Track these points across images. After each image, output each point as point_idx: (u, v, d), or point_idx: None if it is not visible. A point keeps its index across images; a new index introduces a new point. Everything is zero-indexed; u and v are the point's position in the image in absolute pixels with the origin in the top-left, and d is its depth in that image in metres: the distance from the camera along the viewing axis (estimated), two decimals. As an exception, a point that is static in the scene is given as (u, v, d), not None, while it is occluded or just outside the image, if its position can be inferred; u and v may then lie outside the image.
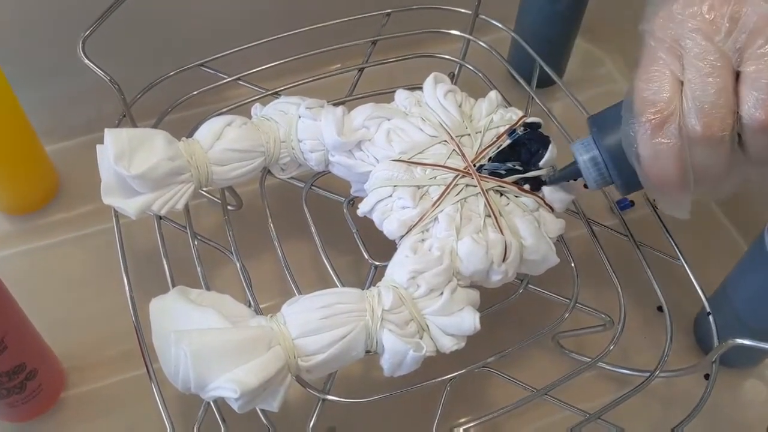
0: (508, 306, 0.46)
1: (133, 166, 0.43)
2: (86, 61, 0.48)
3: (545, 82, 0.61)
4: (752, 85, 0.33)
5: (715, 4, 0.33)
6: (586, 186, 0.42)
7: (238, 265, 0.45)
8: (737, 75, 0.33)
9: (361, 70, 0.57)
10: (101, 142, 0.44)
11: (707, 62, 0.33)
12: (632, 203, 0.59)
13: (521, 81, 0.55)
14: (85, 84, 0.52)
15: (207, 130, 0.46)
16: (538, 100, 0.54)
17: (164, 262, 0.45)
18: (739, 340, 0.41)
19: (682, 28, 0.34)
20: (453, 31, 0.58)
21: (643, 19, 0.36)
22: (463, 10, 0.58)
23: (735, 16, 0.33)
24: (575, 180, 0.43)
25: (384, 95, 0.54)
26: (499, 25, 0.57)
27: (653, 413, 0.50)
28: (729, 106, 0.33)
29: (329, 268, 0.45)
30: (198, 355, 0.36)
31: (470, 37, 0.58)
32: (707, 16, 0.33)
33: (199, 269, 0.46)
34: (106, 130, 0.43)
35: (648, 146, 0.36)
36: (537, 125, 0.46)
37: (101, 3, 0.49)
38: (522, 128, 0.46)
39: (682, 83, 0.34)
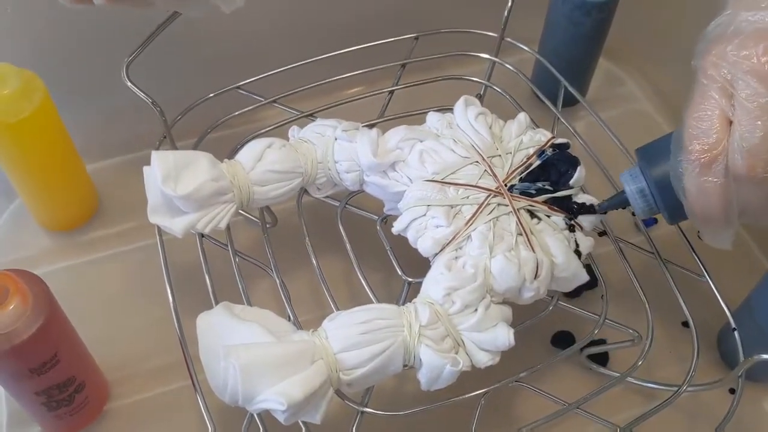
0: (539, 322, 0.47)
1: (180, 187, 0.45)
2: (129, 84, 0.50)
3: (568, 102, 0.62)
4: None
5: None
6: (633, 214, 0.44)
7: (278, 280, 0.47)
8: None
9: (391, 92, 0.58)
10: (140, 161, 0.46)
11: (757, 105, 0.34)
12: (656, 220, 0.60)
13: (547, 102, 0.57)
14: (124, 105, 0.54)
15: (248, 152, 0.48)
16: (564, 121, 0.56)
17: (207, 279, 0.47)
18: (766, 356, 0.42)
19: (735, 68, 0.35)
20: (482, 54, 0.60)
21: (695, 55, 0.37)
22: (489, 33, 0.60)
23: None
24: (624, 208, 0.45)
25: (414, 117, 0.56)
26: (525, 48, 0.59)
27: (678, 427, 0.51)
28: None
29: (364, 284, 0.46)
30: (246, 369, 0.37)
31: (496, 59, 0.60)
32: (762, 59, 0.34)
33: (240, 285, 0.47)
34: (153, 152, 0.45)
35: (695, 183, 0.37)
36: (566, 146, 0.48)
37: (142, 26, 0.51)
38: (551, 149, 0.48)
39: (730, 122, 0.36)
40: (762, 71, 0.34)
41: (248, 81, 0.57)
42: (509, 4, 0.57)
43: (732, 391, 0.53)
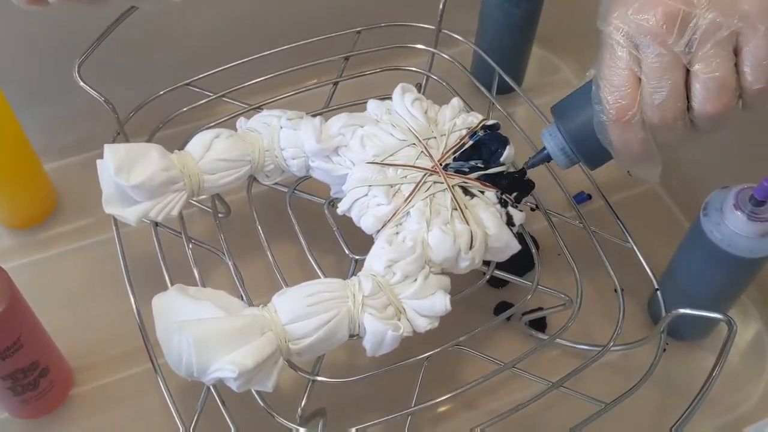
0: (485, 295, 0.50)
1: (132, 177, 0.47)
2: (82, 83, 0.53)
3: (507, 89, 0.66)
4: (702, 84, 0.38)
5: (667, 10, 0.38)
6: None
7: (230, 263, 0.50)
8: (688, 71, 0.39)
9: (335, 83, 0.61)
10: (97, 159, 0.49)
11: (661, 63, 0.38)
12: (590, 196, 0.64)
13: (482, 88, 0.61)
14: (80, 104, 0.56)
15: (197, 143, 0.50)
16: (497, 105, 0.59)
17: (162, 264, 0.49)
18: (682, 310, 0.46)
19: (637, 31, 0.39)
20: (418, 45, 0.63)
21: (599, 17, 0.41)
22: (427, 26, 0.63)
23: (685, 21, 0.38)
24: (548, 162, 0.49)
25: (357, 106, 0.59)
26: (460, 38, 0.62)
27: (618, 386, 0.55)
28: (680, 99, 0.39)
29: (314, 264, 0.49)
30: (199, 341, 0.40)
31: (435, 51, 0.63)
32: (660, 22, 0.38)
33: (194, 269, 0.50)
34: (105, 145, 0.48)
35: (617, 135, 0.41)
36: (496, 126, 0.51)
37: (93, 28, 0.53)
38: (482, 130, 0.51)
39: (640, 79, 0.40)
40: (661, 33, 0.38)
41: (198, 77, 0.59)
42: (444, -3, 0.60)
43: (663, 350, 0.56)
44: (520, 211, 0.50)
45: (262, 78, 0.60)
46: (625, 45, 0.39)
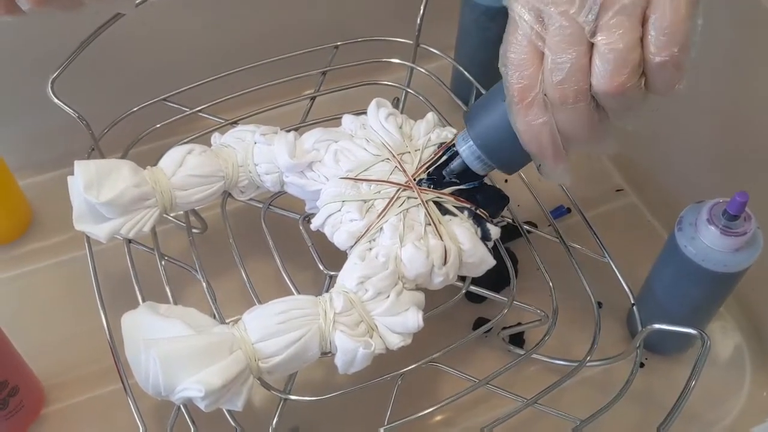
0: (458, 307, 0.50)
1: (102, 194, 0.47)
2: (55, 100, 0.52)
3: (486, 103, 0.66)
4: (601, 57, 0.35)
5: None
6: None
7: (202, 280, 0.49)
8: (591, 45, 0.36)
9: (312, 98, 0.61)
10: (72, 175, 0.48)
11: (562, 36, 0.36)
12: (569, 210, 0.64)
13: (460, 103, 0.61)
14: (55, 121, 0.56)
15: (169, 159, 0.50)
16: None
17: (134, 283, 0.49)
18: (657, 325, 0.46)
19: (540, 3, 0.36)
20: (395, 60, 0.63)
21: None
22: (405, 41, 0.63)
23: None
24: (467, 168, 0.47)
25: (334, 121, 0.58)
26: (438, 53, 0.62)
27: (598, 403, 0.54)
28: (583, 76, 0.36)
29: (286, 279, 0.49)
30: (166, 359, 0.39)
31: (413, 65, 0.63)
32: None
33: (167, 287, 0.49)
34: (75, 162, 0.47)
35: (521, 121, 0.39)
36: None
37: (67, 43, 0.53)
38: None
39: (543, 54, 0.37)
40: (563, 3, 0.35)
41: (174, 92, 0.59)
42: (421, 12, 0.60)
43: (641, 365, 0.56)
44: (495, 225, 0.49)
45: (239, 93, 0.60)
46: (528, 19, 0.37)
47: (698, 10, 0.36)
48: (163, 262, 0.51)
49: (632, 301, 0.50)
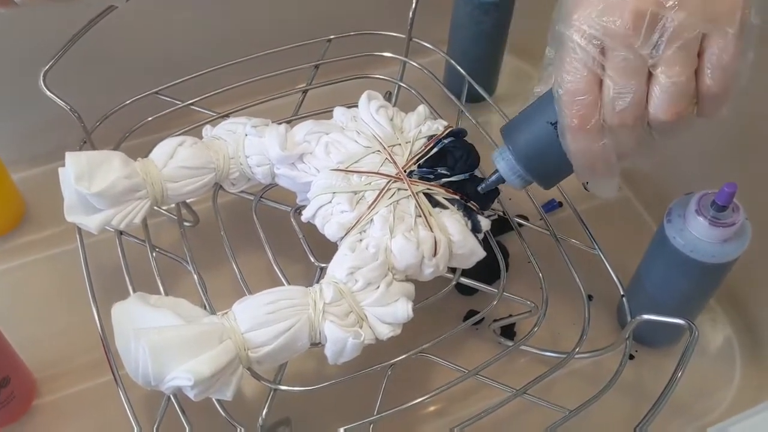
0: (454, 303, 0.50)
1: (93, 185, 0.47)
2: (47, 92, 0.52)
3: (479, 98, 0.66)
4: (662, 88, 0.37)
5: (635, 11, 0.36)
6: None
7: (193, 272, 0.49)
8: (650, 73, 0.38)
9: (305, 92, 0.61)
10: (63, 167, 0.48)
11: (626, 67, 0.37)
12: (560, 204, 0.64)
13: (452, 96, 0.61)
14: (48, 114, 0.56)
15: (161, 150, 0.50)
16: (467, 113, 0.59)
17: (125, 274, 0.49)
18: (646, 316, 0.46)
19: (603, 33, 0.37)
20: (387, 54, 0.63)
21: (559, 20, 0.40)
22: (397, 34, 0.63)
23: (653, 22, 0.36)
24: (503, 183, 0.48)
25: (326, 114, 0.58)
26: (430, 47, 0.63)
27: (588, 394, 0.55)
28: (641, 103, 0.38)
29: (277, 270, 0.49)
30: (156, 349, 0.40)
31: (405, 59, 0.63)
32: (628, 24, 0.36)
33: (158, 278, 0.49)
34: (66, 153, 0.47)
35: (579, 145, 0.40)
36: (461, 134, 0.51)
37: (60, 37, 0.53)
38: (448, 137, 0.51)
39: (601, 81, 0.38)
40: (628, 35, 0.37)
41: (167, 86, 0.59)
42: (413, 5, 0.60)
43: (632, 357, 0.56)
44: (486, 217, 0.50)
45: (232, 86, 0.60)
46: (588, 48, 0.38)
47: (750, 42, 0.38)
48: (154, 254, 0.51)
49: (622, 293, 0.50)
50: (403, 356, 0.47)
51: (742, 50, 0.37)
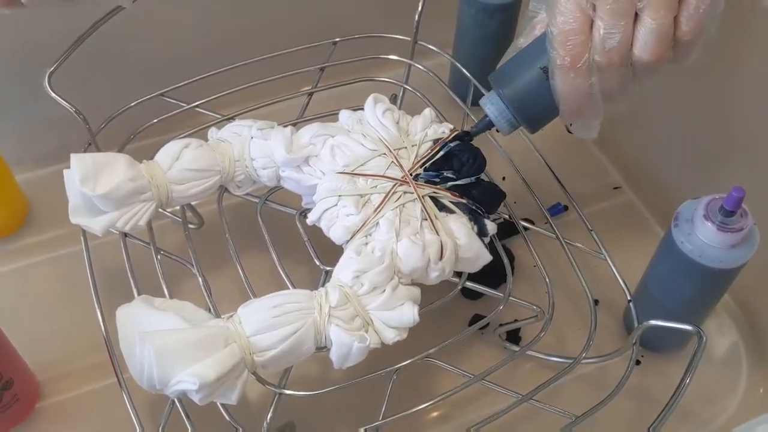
0: (459, 307, 0.50)
1: (98, 187, 0.47)
2: (52, 94, 0.52)
3: (484, 100, 0.66)
4: (646, 30, 0.40)
5: None
6: (498, 130, 0.49)
7: (198, 275, 0.49)
8: (636, 16, 0.40)
9: (310, 94, 0.61)
10: (68, 169, 0.48)
11: (617, 7, 0.39)
12: (566, 207, 0.63)
13: (457, 99, 0.60)
14: (52, 115, 0.56)
15: (166, 153, 0.50)
16: (472, 116, 0.59)
17: (130, 277, 0.49)
18: (653, 322, 0.46)
19: None
20: (393, 57, 0.63)
21: None
22: (403, 37, 0.63)
23: None
24: (491, 129, 0.50)
25: (332, 117, 0.58)
26: (436, 49, 0.62)
27: (594, 400, 0.54)
28: (627, 43, 0.41)
29: (282, 273, 0.49)
30: (161, 352, 0.39)
31: (410, 62, 0.63)
32: None
33: (162, 281, 0.49)
34: (72, 155, 0.47)
35: (568, 83, 0.42)
36: (467, 137, 0.51)
37: (65, 38, 0.53)
38: (453, 140, 0.51)
39: (592, 22, 0.41)
40: None
41: (172, 88, 0.59)
42: (419, 8, 0.60)
43: (638, 362, 0.56)
44: (492, 221, 0.49)
45: (237, 88, 0.60)
46: None
47: None
48: (158, 257, 0.51)
49: (629, 298, 0.50)
50: (409, 361, 0.47)
51: (715, 0, 0.40)
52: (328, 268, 0.50)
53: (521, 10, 0.65)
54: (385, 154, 0.50)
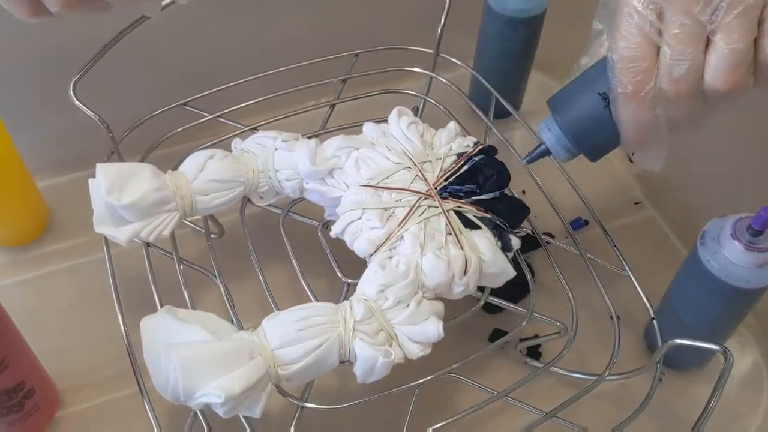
0: (479, 322, 0.49)
1: (124, 197, 0.47)
2: (77, 102, 0.52)
3: (505, 113, 0.66)
4: (720, 55, 0.37)
5: None
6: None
7: (221, 285, 0.49)
8: (707, 41, 0.37)
9: (332, 106, 0.61)
10: (90, 177, 0.48)
11: (685, 33, 0.37)
12: (586, 222, 0.63)
13: (479, 112, 0.60)
14: (75, 122, 0.56)
15: (191, 163, 0.50)
16: (494, 129, 0.59)
17: (152, 286, 0.49)
18: (678, 341, 0.45)
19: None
20: (416, 69, 0.63)
21: None
22: (425, 50, 0.63)
23: None
24: (548, 156, 0.48)
25: (354, 128, 0.58)
26: (458, 62, 0.62)
27: (613, 416, 0.54)
28: (698, 70, 0.38)
29: (305, 286, 0.49)
30: (186, 365, 0.39)
31: (432, 74, 0.63)
32: None
33: (185, 291, 0.49)
34: (97, 165, 0.47)
35: (631, 113, 0.40)
36: (492, 151, 0.51)
37: (89, 45, 0.53)
38: (478, 155, 0.51)
39: (657, 48, 0.38)
40: (687, 1, 0.36)
41: (195, 97, 0.59)
42: (442, 21, 0.60)
43: (659, 380, 0.56)
44: (516, 236, 0.49)
45: (259, 99, 0.60)
46: (646, 13, 0.37)
47: None
48: (181, 267, 0.51)
49: (652, 315, 0.50)
50: (432, 376, 0.46)
51: None
52: (350, 281, 0.49)
53: (545, 24, 0.65)
54: (409, 167, 0.50)
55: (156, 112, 0.58)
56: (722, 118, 0.41)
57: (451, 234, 0.47)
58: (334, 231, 0.49)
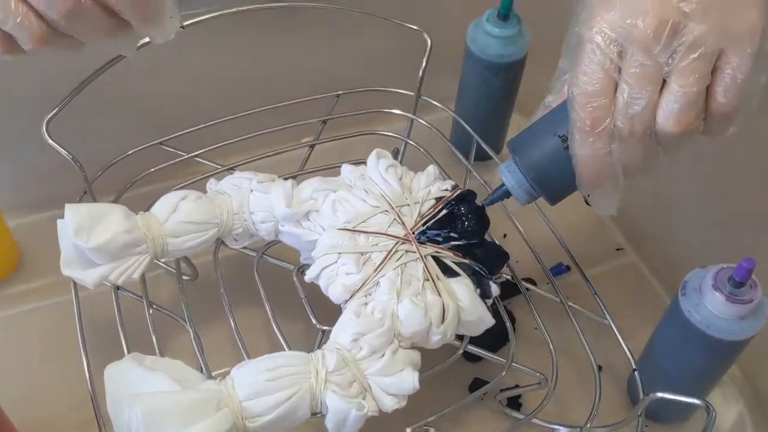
0: (459, 372, 0.48)
1: (92, 239, 0.45)
2: (50, 141, 0.51)
3: (486, 156, 0.65)
4: (673, 97, 0.37)
5: (658, 18, 0.36)
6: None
7: (191, 331, 0.48)
8: (663, 83, 0.38)
9: (312, 146, 0.61)
10: (62, 217, 0.47)
11: (643, 72, 0.37)
12: (568, 268, 0.62)
13: (459, 155, 0.60)
14: (47, 161, 0.55)
15: (163, 204, 0.49)
16: (474, 173, 0.59)
17: (120, 331, 0.47)
18: (660, 394, 0.44)
19: (624, 37, 0.37)
20: (396, 111, 0.62)
21: (579, 21, 0.40)
22: (406, 92, 0.63)
23: (674, 31, 0.37)
24: (507, 198, 0.48)
25: (333, 170, 0.57)
26: (439, 105, 0.62)
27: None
28: (652, 110, 0.38)
29: (277, 332, 0.47)
30: (150, 416, 0.38)
31: (413, 117, 0.62)
32: (649, 29, 0.37)
33: (153, 337, 0.48)
34: (66, 205, 0.46)
35: (587, 149, 0.40)
36: (471, 196, 0.50)
37: (63, 84, 0.52)
38: (457, 199, 0.50)
39: (616, 85, 0.38)
40: (648, 41, 0.37)
41: (171, 136, 0.58)
42: (423, 64, 0.60)
43: (642, 432, 0.54)
44: (495, 282, 0.48)
45: (237, 139, 0.59)
46: (607, 51, 0.38)
47: (765, 67, 0.38)
48: (150, 311, 0.49)
49: (634, 367, 0.48)
50: (408, 429, 0.45)
51: (757, 71, 0.38)
52: (325, 328, 0.48)
53: (526, 68, 0.65)
54: (387, 211, 0.49)
55: (130, 152, 0.57)
56: (672, 165, 0.41)
57: (428, 280, 0.46)
58: (309, 275, 0.48)
